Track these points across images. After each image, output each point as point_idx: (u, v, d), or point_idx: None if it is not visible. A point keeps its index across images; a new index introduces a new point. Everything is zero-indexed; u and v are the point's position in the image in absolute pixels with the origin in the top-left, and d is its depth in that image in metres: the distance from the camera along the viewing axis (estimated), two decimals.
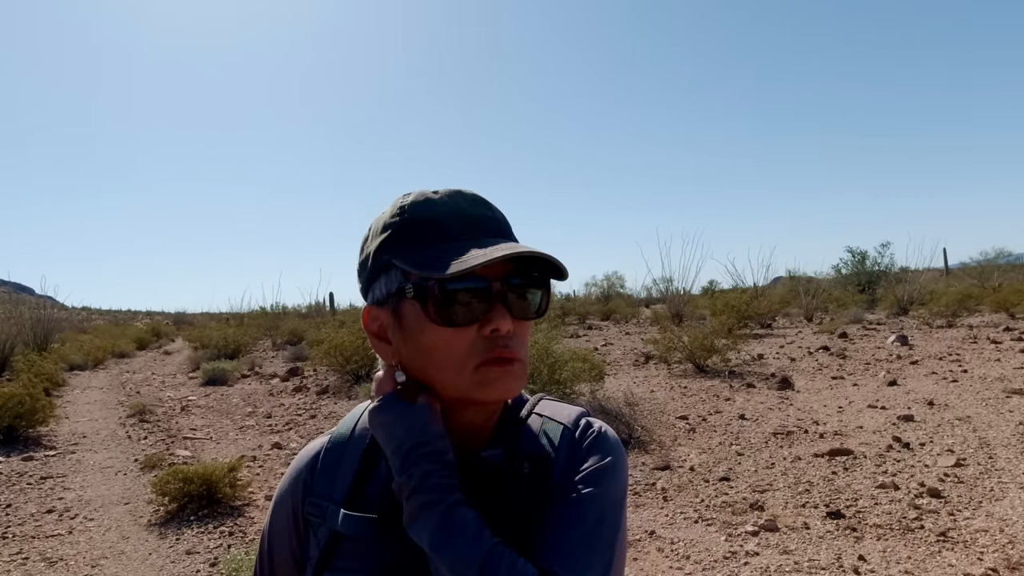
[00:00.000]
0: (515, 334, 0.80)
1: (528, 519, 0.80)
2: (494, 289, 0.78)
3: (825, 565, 3.55)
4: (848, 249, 25.00)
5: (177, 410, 9.31)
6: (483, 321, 0.78)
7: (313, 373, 11.97)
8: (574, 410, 0.91)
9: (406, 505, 0.77)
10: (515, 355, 0.80)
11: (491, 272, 0.78)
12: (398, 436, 0.79)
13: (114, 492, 5.56)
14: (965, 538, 3.79)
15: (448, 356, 0.79)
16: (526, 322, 0.83)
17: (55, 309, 20.04)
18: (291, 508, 0.91)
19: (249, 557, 3.63)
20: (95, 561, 4.15)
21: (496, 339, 0.78)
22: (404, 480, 0.77)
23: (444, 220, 0.81)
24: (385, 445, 0.81)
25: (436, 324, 0.79)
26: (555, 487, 0.82)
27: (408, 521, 0.76)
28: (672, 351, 10.16)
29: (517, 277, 0.81)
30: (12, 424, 7.22)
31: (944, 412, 6.66)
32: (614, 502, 0.82)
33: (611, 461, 0.84)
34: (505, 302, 0.79)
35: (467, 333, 0.78)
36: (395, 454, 0.79)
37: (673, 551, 3.86)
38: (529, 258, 0.79)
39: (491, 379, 0.78)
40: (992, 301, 16.13)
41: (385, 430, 0.81)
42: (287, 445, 6.93)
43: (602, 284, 29.69)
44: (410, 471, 0.77)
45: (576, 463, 0.84)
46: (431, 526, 0.74)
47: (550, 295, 0.86)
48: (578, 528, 0.78)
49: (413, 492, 0.76)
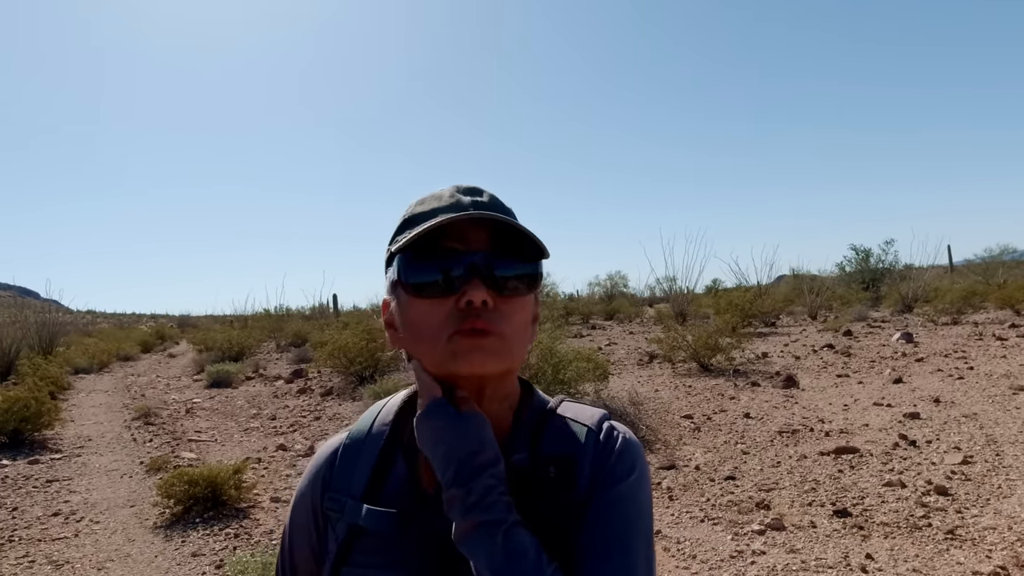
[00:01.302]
0: (497, 309, 0.79)
1: (554, 524, 0.80)
2: (471, 262, 0.79)
3: (832, 564, 3.53)
4: (852, 247, 24.99)
5: (182, 412, 9.32)
6: (460, 293, 0.78)
7: (317, 375, 11.98)
8: (596, 412, 0.91)
9: (460, 519, 0.75)
10: (490, 328, 0.78)
11: (469, 246, 0.80)
12: (450, 443, 0.77)
13: (119, 495, 5.57)
14: (973, 536, 3.76)
15: (426, 327, 0.80)
16: (513, 299, 0.81)
17: (60, 313, 20.11)
18: (310, 504, 0.92)
19: (255, 559, 3.63)
20: (101, 564, 4.15)
21: (470, 311, 0.78)
22: (460, 492, 0.75)
23: (432, 210, 0.83)
24: (433, 452, 0.79)
25: (411, 296, 0.81)
26: (582, 493, 0.82)
27: (461, 536, 0.75)
28: (676, 350, 10.14)
29: (499, 252, 0.81)
30: (18, 427, 7.24)
31: (950, 409, 6.63)
32: (646, 513, 0.84)
33: (639, 471, 0.84)
34: (482, 275, 0.78)
35: (444, 305, 0.79)
36: (447, 462, 0.77)
37: (679, 550, 3.85)
38: (516, 235, 0.81)
39: (461, 350, 0.78)
40: (997, 298, 16.07)
41: (435, 435, 0.79)
42: (292, 447, 6.93)
43: (605, 284, 29.70)
44: (468, 484, 0.75)
45: (602, 468, 0.83)
46: (490, 548, 0.73)
47: (538, 272, 0.84)
48: (619, 554, 0.78)
49: (471, 508, 0.74)
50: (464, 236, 0.80)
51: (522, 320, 0.83)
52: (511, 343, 0.80)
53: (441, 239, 0.80)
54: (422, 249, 0.80)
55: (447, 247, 0.80)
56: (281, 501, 5.17)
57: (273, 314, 24.25)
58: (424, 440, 0.80)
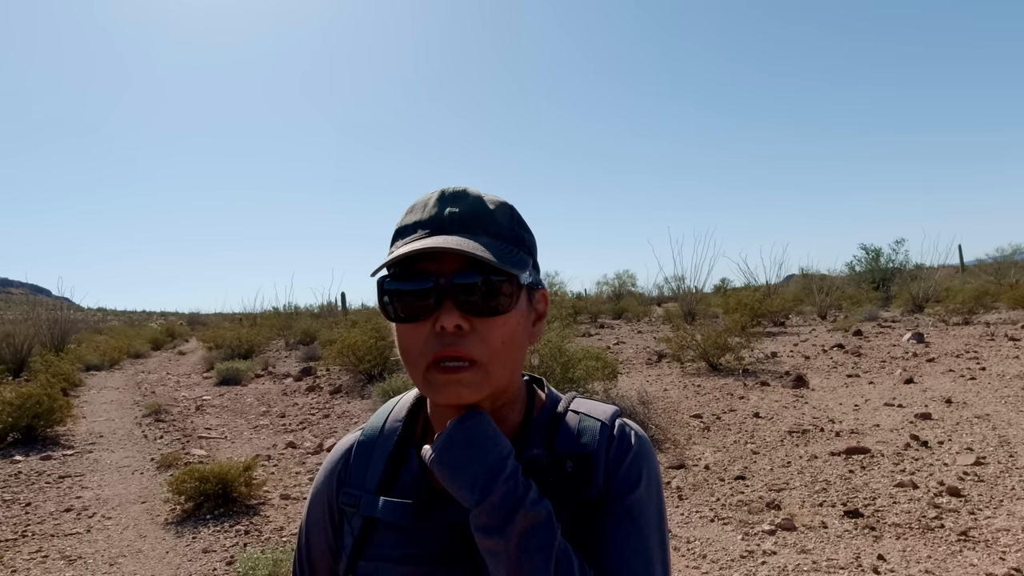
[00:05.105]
0: (474, 331, 0.77)
1: (572, 518, 0.80)
2: (441, 285, 0.77)
3: (844, 565, 3.51)
4: (862, 246, 24.83)
5: (192, 410, 9.38)
6: (433, 317, 0.77)
7: (326, 373, 12.02)
8: (609, 408, 0.91)
9: (504, 532, 0.72)
10: (463, 354, 0.76)
11: (441, 267, 0.78)
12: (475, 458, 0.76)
13: (131, 491, 5.61)
14: (986, 537, 3.73)
15: (407, 351, 0.80)
16: (491, 319, 0.78)
17: (71, 310, 20.27)
18: (326, 500, 0.94)
19: (265, 556, 3.65)
20: (113, 559, 4.18)
21: (443, 336, 0.77)
22: (503, 494, 0.73)
23: (415, 223, 0.82)
24: (462, 467, 0.76)
25: (390, 320, 0.81)
26: (598, 489, 0.83)
27: (502, 552, 0.72)
28: (685, 349, 10.11)
29: (469, 272, 0.77)
30: (31, 424, 7.31)
31: (962, 410, 6.58)
32: (661, 514, 0.86)
33: (652, 472, 0.86)
34: (454, 298, 0.77)
35: (421, 329, 0.78)
36: (474, 479, 0.75)
37: (689, 550, 3.84)
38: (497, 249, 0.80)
39: (437, 384, 0.77)
40: (1009, 298, 15.92)
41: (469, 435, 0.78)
42: (301, 444, 6.96)
43: (613, 283, 29.61)
44: (500, 490, 0.73)
45: (618, 469, 0.84)
46: (541, 573, 0.71)
47: (515, 291, 0.80)
48: (637, 556, 0.80)
49: (521, 533, 0.72)
50: (437, 255, 0.78)
51: (505, 335, 0.79)
52: (489, 368, 0.78)
53: (416, 260, 0.79)
54: (397, 271, 0.80)
55: (420, 269, 0.78)
56: (291, 498, 5.19)
57: (282, 312, 24.35)
58: (447, 458, 0.77)
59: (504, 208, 0.85)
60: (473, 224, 0.81)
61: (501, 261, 0.77)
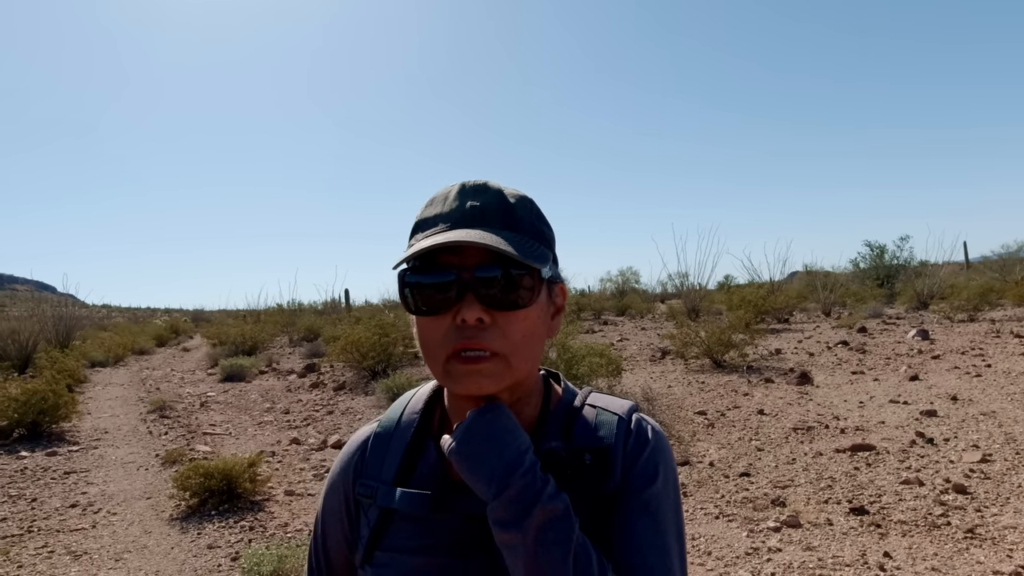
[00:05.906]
0: (495, 324, 0.77)
1: (590, 511, 0.81)
2: (463, 278, 0.77)
3: (850, 562, 3.50)
4: (866, 243, 24.72)
5: (196, 406, 9.41)
6: (454, 310, 0.78)
7: (330, 369, 12.03)
8: (626, 403, 0.92)
9: (521, 526, 0.72)
10: (484, 346, 0.77)
11: (464, 259, 0.78)
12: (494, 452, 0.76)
13: (136, 487, 5.63)
14: (993, 535, 3.72)
15: (427, 344, 0.81)
16: (511, 313, 0.78)
17: (76, 307, 20.34)
18: (342, 492, 0.94)
19: (270, 551, 3.65)
20: (119, 555, 4.19)
21: (464, 328, 0.77)
22: (518, 489, 0.73)
23: (435, 216, 0.82)
24: (480, 459, 0.76)
25: (411, 313, 0.82)
26: (616, 482, 0.83)
27: (520, 544, 0.72)
28: (689, 346, 10.09)
29: (491, 266, 0.78)
30: (36, 420, 7.34)
31: (968, 407, 6.55)
32: (678, 509, 0.86)
33: (669, 468, 0.86)
34: (476, 291, 0.77)
35: (442, 322, 0.79)
36: (492, 473, 0.74)
37: (695, 547, 3.83)
38: (518, 242, 0.80)
39: (457, 374, 0.78)
40: (1014, 295, 15.85)
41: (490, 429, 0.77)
42: (305, 440, 6.97)
43: (617, 279, 29.54)
44: (519, 487, 0.73)
45: (635, 464, 0.84)
46: (559, 567, 0.71)
47: (536, 285, 0.80)
48: (655, 553, 0.80)
49: (538, 527, 0.71)
50: (459, 248, 0.78)
51: (525, 329, 0.80)
52: (510, 360, 0.78)
53: (437, 253, 0.79)
54: (418, 264, 0.80)
55: (442, 262, 0.79)
56: (295, 494, 5.20)
57: (286, 309, 24.35)
58: (465, 450, 0.77)
59: (525, 202, 0.85)
60: (494, 218, 0.81)
61: (523, 255, 0.77)
